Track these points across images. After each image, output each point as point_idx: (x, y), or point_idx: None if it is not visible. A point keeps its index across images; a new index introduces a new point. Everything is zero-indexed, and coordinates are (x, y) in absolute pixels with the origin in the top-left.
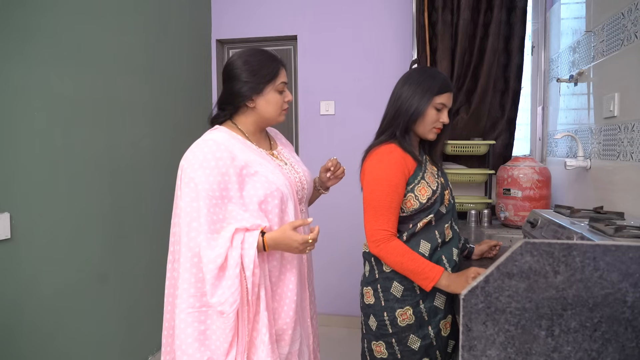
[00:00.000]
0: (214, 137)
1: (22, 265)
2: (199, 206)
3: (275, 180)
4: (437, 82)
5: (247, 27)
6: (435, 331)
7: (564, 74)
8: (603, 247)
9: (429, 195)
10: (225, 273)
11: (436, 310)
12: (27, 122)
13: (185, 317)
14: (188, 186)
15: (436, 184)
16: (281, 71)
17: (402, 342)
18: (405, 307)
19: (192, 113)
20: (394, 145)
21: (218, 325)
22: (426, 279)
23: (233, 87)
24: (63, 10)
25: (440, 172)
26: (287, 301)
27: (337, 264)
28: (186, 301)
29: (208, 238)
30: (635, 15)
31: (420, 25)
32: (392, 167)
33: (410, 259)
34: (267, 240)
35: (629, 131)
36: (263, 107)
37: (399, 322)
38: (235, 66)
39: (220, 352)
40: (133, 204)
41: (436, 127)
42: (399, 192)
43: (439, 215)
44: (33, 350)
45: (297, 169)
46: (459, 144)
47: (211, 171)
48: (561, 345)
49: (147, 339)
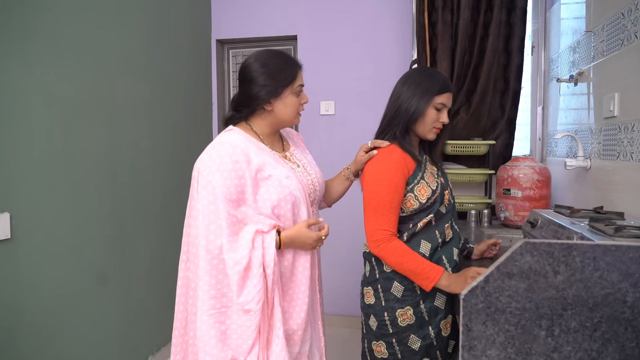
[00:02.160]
0: (230, 139)
1: (22, 265)
2: (217, 209)
3: (289, 185)
4: (437, 83)
5: (247, 27)
6: (436, 331)
7: (564, 74)
8: (603, 247)
9: (429, 195)
10: (249, 273)
11: (437, 310)
12: (27, 122)
13: (207, 318)
14: (205, 189)
15: (436, 184)
16: (299, 74)
17: (402, 342)
18: (405, 307)
19: (192, 113)
20: (394, 146)
21: (239, 325)
22: (426, 279)
23: (251, 90)
24: (63, 10)
25: (440, 172)
26: (298, 302)
27: (338, 263)
28: (207, 303)
29: (230, 240)
30: (635, 15)
31: (420, 25)
32: (392, 167)
33: (410, 259)
34: (283, 238)
35: (629, 131)
36: (281, 110)
37: (400, 322)
38: (252, 69)
39: (243, 350)
40: (133, 204)
41: (436, 127)
42: (399, 192)
43: (439, 215)
44: (33, 351)
45: (309, 170)
46: (459, 144)
47: (228, 174)
48: (561, 345)
49: (147, 339)
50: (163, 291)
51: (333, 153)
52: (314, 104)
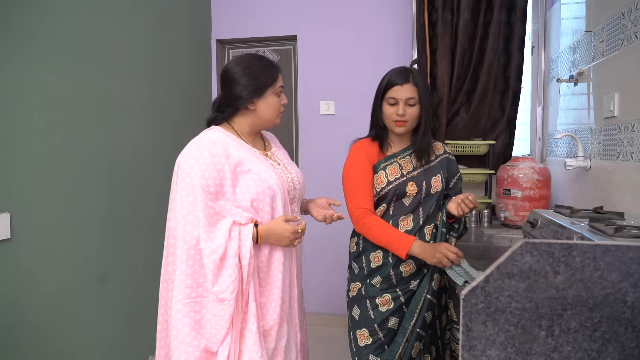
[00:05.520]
0: (209, 135)
1: (22, 265)
2: (195, 200)
3: (268, 179)
4: (384, 81)
5: (247, 27)
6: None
7: (564, 74)
8: (603, 247)
9: (383, 186)
10: (224, 263)
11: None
12: (27, 122)
13: (182, 307)
14: (184, 181)
15: (397, 177)
16: (279, 75)
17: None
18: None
19: (192, 113)
20: (364, 139)
21: (213, 314)
22: (399, 249)
23: (234, 90)
24: (63, 10)
25: (422, 169)
26: (274, 297)
27: (334, 264)
28: (183, 292)
29: (207, 230)
30: (635, 15)
31: (420, 25)
32: (357, 153)
33: (383, 233)
34: (260, 231)
35: (629, 131)
36: (264, 109)
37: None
38: (234, 71)
39: (216, 340)
40: (133, 204)
41: (395, 120)
42: (365, 173)
43: (398, 206)
44: (33, 350)
45: (289, 169)
46: (459, 144)
47: (207, 167)
48: (561, 345)
49: (147, 339)
50: None
51: (333, 153)
52: (314, 104)
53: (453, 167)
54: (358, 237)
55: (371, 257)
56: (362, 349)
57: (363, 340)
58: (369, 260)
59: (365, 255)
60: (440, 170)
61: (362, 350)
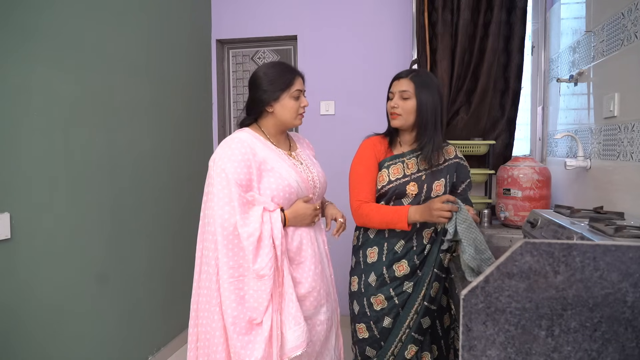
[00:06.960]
0: (239, 136)
1: (22, 265)
2: (230, 192)
3: (288, 177)
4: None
5: (247, 27)
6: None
7: (564, 74)
8: (603, 247)
9: (384, 184)
10: (261, 244)
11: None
12: (27, 122)
13: (227, 285)
14: (219, 176)
15: (398, 177)
16: (296, 80)
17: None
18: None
19: (192, 113)
20: (375, 136)
21: (255, 290)
22: (399, 222)
23: (255, 94)
24: (63, 10)
25: (428, 172)
26: (305, 270)
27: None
28: (227, 272)
29: (242, 217)
30: (635, 15)
31: (420, 25)
32: (365, 149)
33: (380, 214)
34: (287, 214)
35: (629, 131)
36: (280, 112)
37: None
38: (257, 76)
39: (260, 311)
40: (133, 204)
41: (390, 113)
42: (369, 167)
43: (397, 205)
44: (33, 350)
45: (311, 169)
46: (459, 144)
47: (238, 164)
48: (561, 345)
49: (147, 339)
50: (163, 291)
51: (333, 153)
52: (314, 104)
53: (463, 172)
54: (359, 231)
55: (367, 252)
56: (361, 341)
57: (361, 334)
58: (365, 255)
59: (363, 249)
60: (447, 174)
61: (361, 342)
